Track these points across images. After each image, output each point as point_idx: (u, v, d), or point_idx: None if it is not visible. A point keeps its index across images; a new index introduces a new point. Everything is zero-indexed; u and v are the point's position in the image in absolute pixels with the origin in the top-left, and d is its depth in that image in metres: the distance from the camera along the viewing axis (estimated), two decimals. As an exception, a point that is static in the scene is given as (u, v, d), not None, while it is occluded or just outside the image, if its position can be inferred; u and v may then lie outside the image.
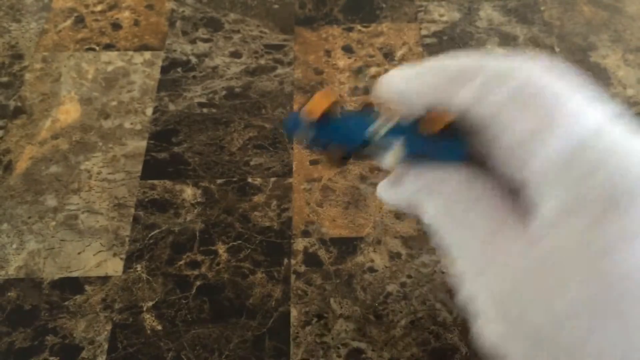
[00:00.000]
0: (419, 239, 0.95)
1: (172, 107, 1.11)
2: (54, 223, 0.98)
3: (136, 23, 1.23)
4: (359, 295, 0.91)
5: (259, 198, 1.00)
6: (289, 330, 0.88)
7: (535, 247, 0.19)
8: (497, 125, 0.21)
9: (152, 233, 0.96)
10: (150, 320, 0.88)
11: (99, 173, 1.03)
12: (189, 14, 1.24)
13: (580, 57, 1.18)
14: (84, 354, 0.86)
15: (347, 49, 1.19)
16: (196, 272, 0.92)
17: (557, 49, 1.19)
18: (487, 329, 0.20)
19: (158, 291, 0.91)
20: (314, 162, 1.04)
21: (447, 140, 0.24)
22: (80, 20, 1.23)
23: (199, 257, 0.94)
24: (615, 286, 0.17)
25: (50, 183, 1.02)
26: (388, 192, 0.26)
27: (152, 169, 1.03)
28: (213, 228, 0.97)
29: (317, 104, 0.24)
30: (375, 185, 1.08)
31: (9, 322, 0.88)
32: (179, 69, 1.15)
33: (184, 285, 0.91)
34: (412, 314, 0.89)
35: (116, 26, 1.22)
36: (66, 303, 0.90)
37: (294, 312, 0.89)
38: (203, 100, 1.11)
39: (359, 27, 1.22)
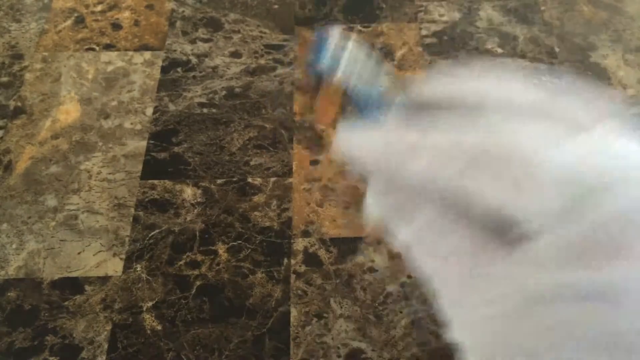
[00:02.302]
0: (419, 239, 0.95)
1: (172, 107, 1.11)
2: (54, 223, 0.98)
3: (136, 23, 1.23)
4: (359, 295, 0.91)
5: (259, 198, 1.00)
6: (289, 330, 0.88)
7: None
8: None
9: (152, 233, 0.96)
10: (150, 320, 0.88)
11: (99, 173, 1.03)
12: (189, 14, 1.24)
13: (580, 57, 1.18)
14: (84, 354, 0.86)
15: (347, 49, 1.19)
16: (196, 272, 0.93)
17: (557, 49, 1.19)
18: None
19: (158, 291, 0.91)
20: (314, 162, 1.04)
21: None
22: (80, 20, 1.23)
23: (199, 257, 0.94)
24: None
25: (50, 183, 1.02)
26: (370, 202, 0.26)
27: (152, 169, 1.03)
28: (213, 228, 0.97)
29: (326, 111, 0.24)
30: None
31: (9, 322, 0.89)
32: (179, 69, 1.16)
33: (184, 285, 0.91)
34: (412, 314, 0.89)
35: (116, 26, 1.22)
36: (66, 303, 0.90)
37: (294, 312, 0.89)
38: (203, 100, 1.11)
39: (359, 27, 1.22)
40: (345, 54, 0.25)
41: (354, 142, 0.23)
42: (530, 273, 0.18)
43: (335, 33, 0.25)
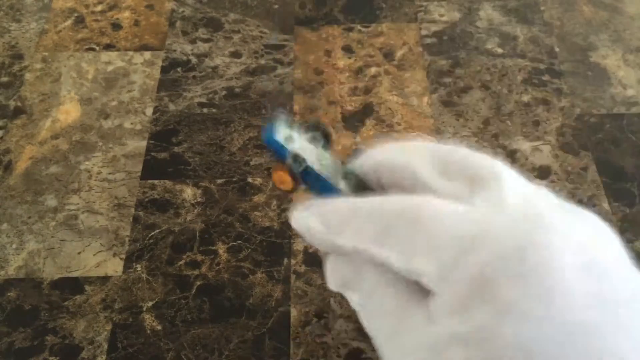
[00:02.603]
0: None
1: (172, 107, 1.11)
2: (54, 223, 0.98)
3: (136, 23, 1.23)
4: (359, 295, 0.91)
5: (259, 198, 1.00)
6: (289, 330, 0.88)
7: (431, 329, 0.22)
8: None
9: (152, 233, 0.96)
10: (150, 320, 0.88)
11: (99, 173, 1.03)
12: (189, 14, 1.24)
13: (580, 57, 1.18)
14: (84, 354, 0.86)
15: (347, 49, 1.19)
16: (196, 272, 0.93)
17: (557, 49, 1.19)
18: None
19: (158, 291, 0.91)
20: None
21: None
22: (80, 20, 1.23)
23: (199, 257, 0.94)
24: None
25: (50, 183, 1.02)
26: (328, 277, 0.30)
27: (152, 169, 1.03)
28: (213, 228, 0.97)
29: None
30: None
31: (9, 322, 0.88)
32: (179, 69, 1.16)
33: (184, 285, 0.91)
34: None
35: (116, 26, 1.22)
36: (66, 303, 0.90)
37: (294, 312, 0.89)
38: (203, 100, 1.11)
39: (359, 27, 1.22)
40: (294, 145, 0.28)
41: (302, 220, 0.26)
42: (426, 325, 0.21)
43: (280, 127, 0.28)
